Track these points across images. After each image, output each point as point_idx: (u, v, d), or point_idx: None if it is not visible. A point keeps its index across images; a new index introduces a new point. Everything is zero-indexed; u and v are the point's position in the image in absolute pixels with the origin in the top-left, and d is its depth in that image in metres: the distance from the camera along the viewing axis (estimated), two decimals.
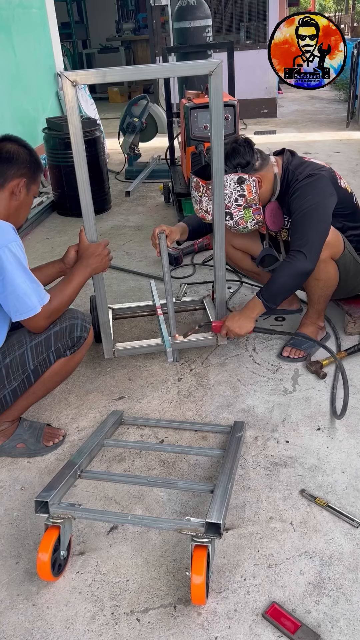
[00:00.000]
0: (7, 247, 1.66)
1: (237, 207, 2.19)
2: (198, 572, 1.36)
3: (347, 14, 22.44)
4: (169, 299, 2.31)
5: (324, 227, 2.17)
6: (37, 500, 1.52)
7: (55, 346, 1.85)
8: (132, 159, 5.43)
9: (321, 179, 2.19)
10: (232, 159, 2.17)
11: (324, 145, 6.26)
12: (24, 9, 5.17)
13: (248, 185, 2.16)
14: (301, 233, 2.15)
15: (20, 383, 1.84)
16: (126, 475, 1.86)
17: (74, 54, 11.57)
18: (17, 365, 1.82)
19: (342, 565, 1.53)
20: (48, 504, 1.51)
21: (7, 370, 1.81)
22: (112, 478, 1.81)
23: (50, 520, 1.50)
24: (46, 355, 1.85)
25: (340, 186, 2.29)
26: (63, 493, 1.60)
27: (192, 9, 4.59)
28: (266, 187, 2.24)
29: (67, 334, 1.87)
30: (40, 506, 1.52)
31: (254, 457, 1.92)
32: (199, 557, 1.37)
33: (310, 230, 2.14)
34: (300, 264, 2.11)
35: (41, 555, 1.45)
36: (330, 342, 2.53)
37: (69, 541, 1.56)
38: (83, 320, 1.93)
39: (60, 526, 1.50)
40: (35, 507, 1.53)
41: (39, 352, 1.84)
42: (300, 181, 2.19)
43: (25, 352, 1.82)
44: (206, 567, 1.37)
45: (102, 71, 1.89)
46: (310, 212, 2.14)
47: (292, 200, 2.21)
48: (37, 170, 1.85)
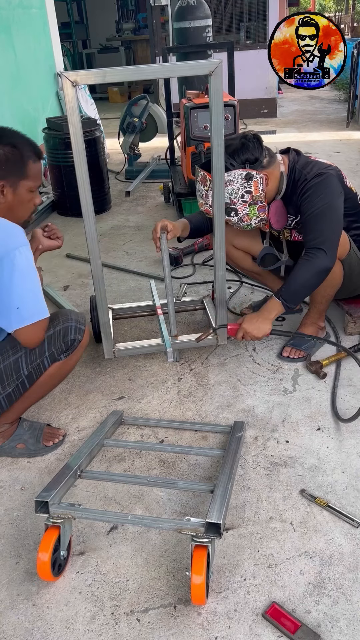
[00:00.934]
0: (18, 250, 1.63)
1: (242, 203, 2.18)
2: (198, 572, 1.36)
3: (347, 14, 22.45)
4: (169, 299, 2.31)
5: (338, 225, 2.17)
6: (37, 500, 1.53)
7: (49, 351, 1.82)
8: (132, 159, 5.43)
9: (331, 178, 2.18)
10: (241, 154, 2.15)
11: (324, 145, 6.26)
12: (24, 9, 5.16)
13: (255, 182, 2.15)
14: (319, 231, 2.13)
15: (14, 388, 1.82)
16: (126, 476, 1.86)
17: (74, 54, 11.58)
18: (11, 371, 1.79)
19: (342, 565, 1.53)
20: (48, 504, 1.51)
21: (0, 376, 1.79)
22: (112, 478, 1.81)
23: (50, 520, 1.50)
24: (40, 361, 1.82)
25: (346, 185, 2.29)
26: (63, 493, 1.60)
27: (192, 9, 4.60)
28: (272, 185, 2.23)
29: (61, 337, 1.83)
30: (40, 506, 1.52)
31: (254, 457, 1.92)
32: (199, 557, 1.38)
33: (327, 228, 2.13)
34: (321, 261, 2.09)
35: (41, 555, 1.45)
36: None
37: (69, 541, 1.56)
38: (77, 322, 1.89)
39: (60, 526, 1.50)
40: (35, 507, 1.53)
41: (33, 358, 1.80)
42: (309, 180, 2.18)
43: (19, 358, 1.79)
44: (206, 567, 1.37)
45: (102, 71, 1.88)
46: (324, 211, 2.13)
47: (302, 200, 2.19)
48: (20, 168, 1.73)
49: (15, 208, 1.77)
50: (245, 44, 8.15)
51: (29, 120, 5.11)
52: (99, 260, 2.17)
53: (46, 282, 3.23)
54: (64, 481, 1.61)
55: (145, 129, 5.29)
